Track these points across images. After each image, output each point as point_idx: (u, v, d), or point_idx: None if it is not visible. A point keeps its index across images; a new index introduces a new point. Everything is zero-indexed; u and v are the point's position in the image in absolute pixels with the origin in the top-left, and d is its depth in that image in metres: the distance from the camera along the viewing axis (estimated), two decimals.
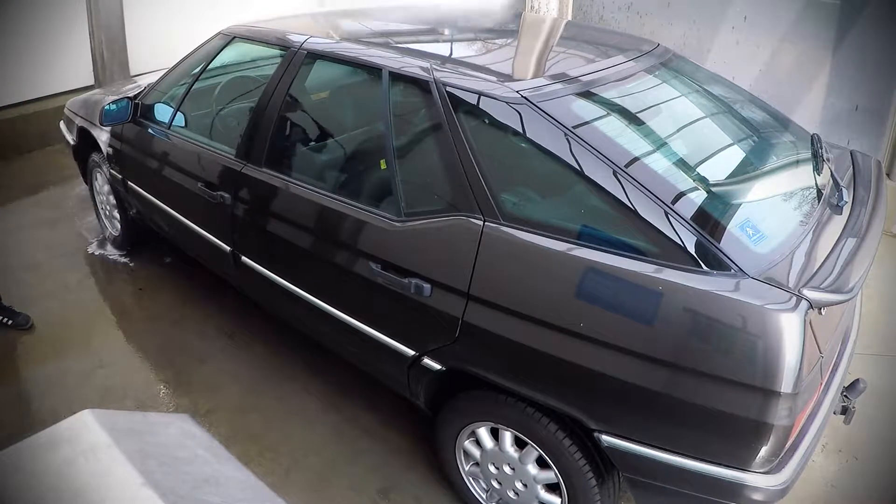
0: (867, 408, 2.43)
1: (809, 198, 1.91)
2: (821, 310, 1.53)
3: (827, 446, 2.48)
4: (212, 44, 2.83)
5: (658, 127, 2.02)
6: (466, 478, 2.19)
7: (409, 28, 2.89)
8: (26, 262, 3.60)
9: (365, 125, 2.15)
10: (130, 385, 2.76)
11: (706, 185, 1.83)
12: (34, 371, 2.78)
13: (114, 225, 3.71)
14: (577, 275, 1.69)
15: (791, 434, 1.55)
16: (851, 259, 1.68)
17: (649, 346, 1.59)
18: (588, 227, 1.71)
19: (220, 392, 2.73)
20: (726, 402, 1.52)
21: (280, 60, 2.45)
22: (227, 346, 3.00)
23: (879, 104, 4.03)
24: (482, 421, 2.02)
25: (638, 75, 2.15)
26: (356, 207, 2.12)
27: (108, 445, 1.30)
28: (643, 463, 1.69)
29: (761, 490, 1.59)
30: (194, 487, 1.33)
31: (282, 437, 2.51)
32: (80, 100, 3.77)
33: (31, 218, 4.11)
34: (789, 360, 1.46)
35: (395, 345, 2.09)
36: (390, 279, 2.00)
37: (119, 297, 3.36)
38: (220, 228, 2.64)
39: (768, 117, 2.37)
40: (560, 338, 1.70)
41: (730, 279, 1.54)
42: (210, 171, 2.61)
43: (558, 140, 1.78)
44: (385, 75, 2.09)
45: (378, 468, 2.40)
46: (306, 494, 2.29)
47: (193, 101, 2.82)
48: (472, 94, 1.91)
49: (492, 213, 1.82)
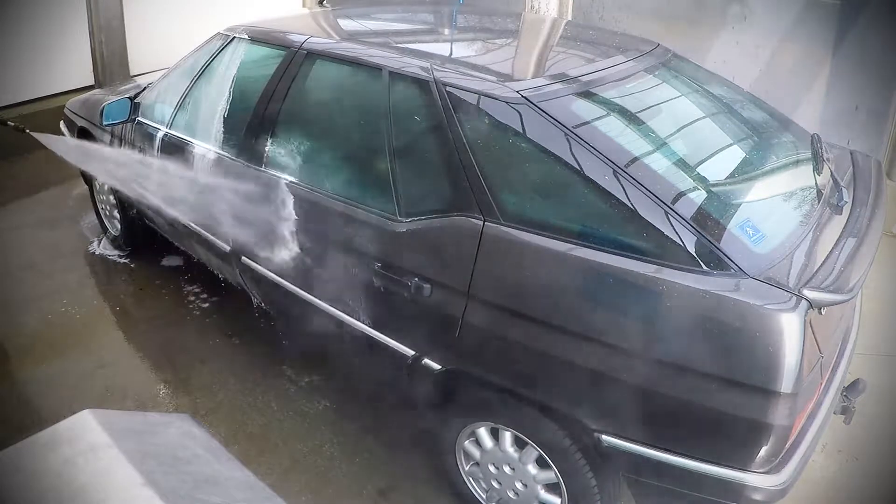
0: (867, 408, 2.43)
1: (809, 198, 1.91)
2: (821, 310, 1.53)
3: (827, 446, 2.48)
4: (211, 44, 2.83)
5: (658, 127, 2.02)
6: (466, 478, 2.19)
7: (409, 28, 2.89)
8: (26, 262, 3.60)
9: (365, 125, 2.15)
10: (130, 385, 2.76)
11: (706, 185, 1.83)
12: (34, 371, 2.78)
13: (114, 225, 3.71)
14: (577, 275, 1.69)
15: (791, 434, 1.55)
16: (851, 259, 1.68)
17: (649, 347, 1.59)
18: (588, 228, 1.71)
19: (220, 392, 2.73)
20: (726, 402, 1.52)
21: (280, 60, 2.45)
22: (227, 346, 3.00)
23: (879, 104, 4.02)
24: (482, 421, 2.02)
25: (638, 75, 2.15)
26: (356, 207, 2.12)
27: (108, 445, 1.30)
28: (643, 463, 1.69)
29: (761, 490, 1.59)
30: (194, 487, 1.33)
31: (282, 437, 2.51)
32: (80, 100, 3.77)
33: (31, 218, 4.11)
34: (789, 360, 1.46)
35: (395, 345, 2.09)
36: (390, 279, 2.00)
37: (119, 297, 3.36)
38: (221, 228, 2.64)
39: (768, 117, 2.37)
40: (560, 338, 1.70)
41: (730, 279, 1.54)
42: (210, 171, 2.61)
43: (558, 140, 1.78)
44: (385, 75, 2.09)
45: (378, 468, 2.40)
46: (306, 494, 2.29)
47: (193, 101, 2.82)
48: (472, 94, 1.91)
49: (492, 213, 1.82)
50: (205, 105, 2.74)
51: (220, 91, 2.67)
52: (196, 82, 2.81)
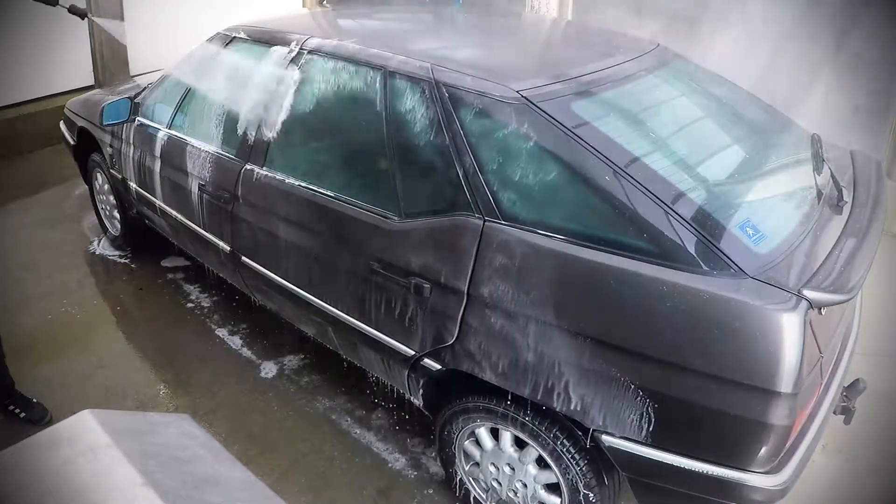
0: (867, 408, 2.43)
1: (809, 198, 1.91)
2: (821, 310, 1.53)
3: (827, 446, 2.48)
4: (211, 44, 2.83)
5: (658, 127, 2.02)
6: (466, 478, 2.19)
7: (409, 28, 2.89)
8: (26, 262, 3.60)
9: (365, 124, 2.15)
10: (130, 385, 2.76)
11: (706, 185, 1.83)
12: (34, 371, 2.78)
13: (114, 225, 3.71)
14: (577, 275, 1.69)
15: (791, 434, 1.55)
16: (851, 259, 1.68)
17: (649, 346, 1.60)
18: (588, 227, 1.71)
19: (220, 392, 2.73)
20: (726, 402, 1.52)
21: (280, 60, 2.45)
22: (227, 346, 3.00)
23: (879, 104, 4.02)
24: (482, 421, 2.02)
25: (638, 75, 2.15)
26: (356, 207, 2.12)
27: (108, 445, 1.30)
28: (643, 463, 1.69)
29: (761, 490, 1.59)
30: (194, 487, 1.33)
31: (282, 437, 2.51)
32: (80, 100, 3.78)
33: (31, 218, 4.11)
34: (789, 360, 1.46)
35: (394, 344, 2.09)
36: (390, 279, 2.00)
37: (119, 297, 3.36)
38: (221, 228, 2.64)
39: (768, 117, 2.37)
40: (560, 338, 1.70)
41: (730, 279, 1.54)
42: (210, 170, 2.61)
43: (558, 140, 1.78)
44: (385, 75, 2.09)
45: (378, 468, 2.40)
46: (306, 494, 2.29)
47: (193, 101, 2.83)
48: (472, 94, 1.91)
49: (491, 213, 1.82)
50: (205, 105, 2.74)
51: (220, 91, 2.67)
52: (196, 82, 2.81)
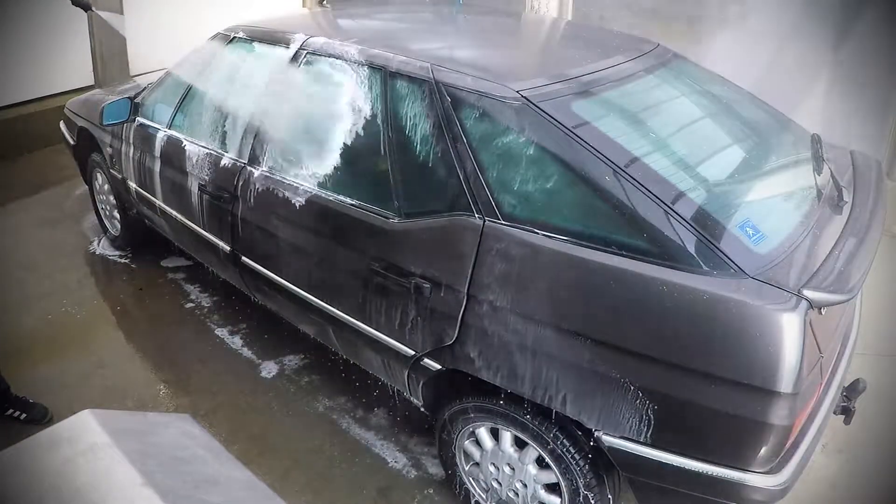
0: (867, 408, 2.43)
1: (809, 198, 1.91)
2: (821, 310, 1.53)
3: (827, 446, 2.48)
4: (212, 44, 2.83)
5: (658, 127, 2.02)
6: (466, 478, 2.19)
7: (409, 28, 2.89)
8: (26, 262, 3.60)
9: (365, 125, 2.15)
10: (130, 385, 2.76)
11: (706, 185, 1.83)
12: (34, 371, 2.78)
13: (114, 225, 3.71)
14: (577, 275, 1.69)
15: (791, 434, 1.55)
16: (851, 259, 1.68)
17: (649, 347, 1.59)
18: (588, 227, 1.71)
19: (220, 392, 2.73)
20: (726, 402, 1.52)
21: (280, 60, 2.45)
22: (227, 346, 3.00)
23: (879, 104, 4.02)
24: (482, 421, 2.02)
25: (638, 75, 2.15)
26: (356, 207, 2.12)
27: (108, 445, 1.30)
28: (643, 463, 1.69)
29: (761, 490, 1.59)
30: (194, 487, 1.34)
31: (282, 437, 2.51)
32: (80, 100, 3.77)
33: (31, 218, 4.11)
34: (789, 360, 1.46)
35: (394, 345, 2.09)
36: (390, 279, 2.00)
37: (119, 297, 3.36)
38: (221, 228, 2.64)
39: (768, 117, 2.37)
40: (560, 338, 1.70)
41: (730, 279, 1.54)
42: (210, 171, 2.61)
43: (558, 140, 1.78)
44: (385, 75, 2.09)
45: (378, 468, 2.40)
46: (306, 494, 2.29)
47: (193, 101, 2.82)
48: (472, 94, 1.91)
49: (491, 213, 1.82)
50: (205, 105, 2.74)
51: (220, 91, 2.67)
52: (196, 82, 2.81)
